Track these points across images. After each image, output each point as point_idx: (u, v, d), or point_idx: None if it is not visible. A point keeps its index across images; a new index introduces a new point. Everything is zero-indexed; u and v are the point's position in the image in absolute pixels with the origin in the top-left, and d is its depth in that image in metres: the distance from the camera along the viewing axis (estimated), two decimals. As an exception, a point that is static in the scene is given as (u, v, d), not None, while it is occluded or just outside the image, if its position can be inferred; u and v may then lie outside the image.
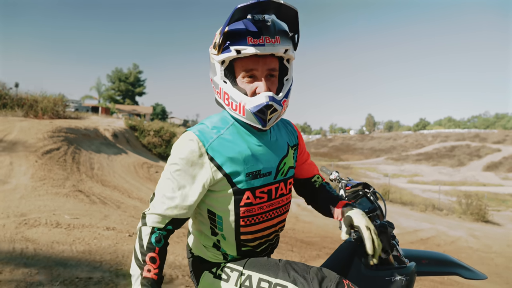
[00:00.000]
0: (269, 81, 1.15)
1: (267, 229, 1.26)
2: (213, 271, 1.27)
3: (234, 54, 1.09)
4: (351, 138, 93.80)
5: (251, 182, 1.17)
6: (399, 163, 55.90)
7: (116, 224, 5.07)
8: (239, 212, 1.18)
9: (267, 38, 1.09)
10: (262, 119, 1.13)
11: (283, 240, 6.55)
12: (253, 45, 1.08)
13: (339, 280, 1.10)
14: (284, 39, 1.13)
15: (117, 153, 12.96)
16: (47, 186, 7.13)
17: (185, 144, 1.14)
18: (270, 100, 1.11)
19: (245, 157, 1.16)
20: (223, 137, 1.17)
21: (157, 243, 1.09)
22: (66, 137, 11.34)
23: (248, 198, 1.17)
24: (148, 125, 18.51)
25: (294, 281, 1.12)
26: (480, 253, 8.48)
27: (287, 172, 1.29)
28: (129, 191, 8.76)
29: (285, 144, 1.32)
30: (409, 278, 1.42)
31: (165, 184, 1.14)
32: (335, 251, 1.53)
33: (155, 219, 1.11)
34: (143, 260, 1.06)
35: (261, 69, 1.13)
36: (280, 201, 1.26)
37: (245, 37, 1.08)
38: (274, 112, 1.14)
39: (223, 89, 1.16)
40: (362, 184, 1.66)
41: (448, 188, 25.26)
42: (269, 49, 1.09)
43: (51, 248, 3.82)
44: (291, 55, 1.17)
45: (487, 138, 68.67)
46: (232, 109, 1.16)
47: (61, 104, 16.80)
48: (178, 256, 4.09)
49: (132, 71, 62.98)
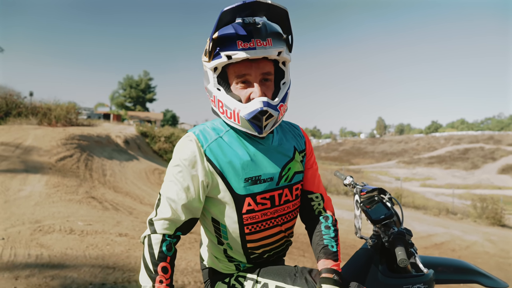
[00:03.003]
0: (264, 86, 1.12)
1: (275, 236, 1.22)
2: (226, 281, 1.25)
3: (225, 60, 1.06)
4: (362, 141, 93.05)
5: (250, 188, 1.13)
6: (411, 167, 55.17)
7: (129, 230, 5.10)
8: (242, 220, 1.15)
9: (258, 41, 1.05)
10: (258, 126, 1.09)
11: (295, 245, 6.50)
12: (244, 49, 1.04)
13: (356, 287, 1.08)
14: (276, 41, 1.09)
15: (128, 160, 13.09)
16: (61, 193, 7.23)
17: (185, 144, 1.13)
18: (265, 106, 1.07)
19: (244, 162, 1.13)
20: (222, 139, 1.15)
21: (168, 252, 1.06)
22: (79, 144, 11.50)
23: (250, 204, 1.14)
24: (159, 131, 18.68)
25: None
26: (497, 258, 8.27)
27: (292, 178, 1.22)
28: (140, 197, 8.82)
29: (291, 148, 1.26)
30: (428, 287, 1.39)
31: (169, 187, 1.12)
32: (351, 258, 1.51)
33: (164, 225, 1.08)
34: (154, 271, 1.03)
35: (254, 73, 1.10)
36: (285, 207, 1.21)
37: (235, 42, 1.05)
38: (270, 118, 1.10)
39: (217, 97, 1.13)
40: (377, 190, 1.63)
41: (462, 192, 24.81)
42: (260, 52, 1.05)
43: (65, 255, 3.86)
44: (286, 57, 1.13)
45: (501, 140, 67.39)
46: (227, 117, 1.13)
47: (73, 112, 17.08)
48: (190, 262, 4.09)
49: (143, 78, 63.80)
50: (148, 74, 64.85)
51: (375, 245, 1.49)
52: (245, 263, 1.24)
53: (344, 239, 7.90)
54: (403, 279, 1.37)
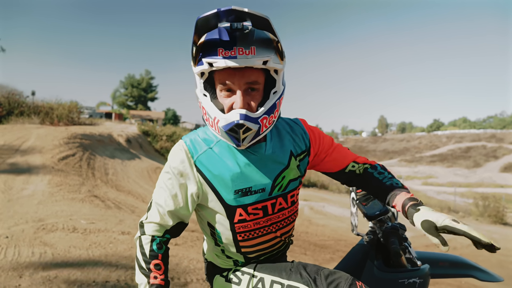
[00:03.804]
0: (249, 96, 1.06)
1: (270, 241, 1.24)
2: (224, 275, 1.28)
3: (207, 67, 1.02)
4: (364, 140, 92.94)
5: (240, 200, 1.12)
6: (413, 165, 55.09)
7: (131, 229, 5.15)
8: (235, 228, 1.17)
9: (240, 50, 0.99)
10: (236, 138, 1.05)
11: (296, 243, 6.53)
12: (224, 58, 0.99)
13: (352, 282, 1.09)
14: (262, 49, 1.01)
15: (130, 158, 13.14)
16: (64, 191, 7.28)
17: (176, 153, 1.14)
18: (241, 119, 1.01)
19: (233, 174, 1.11)
20: (213, 150, 1.14)
21: (159, 250, 1.10)
22: (81, 143, 11.56)
23: (241, 214, 1.14)
24: (161, 130, 18.73)
25: (306, 282, 1.11)
26: (498, 256, 8.27)
27: (286, 186, 1.20)
28: (143, 196, 8.87)
29: (286, 154, 1.20)
30: (423, 281, 1.42)
31: (159, 192, 1.15)
32: (348, 253, 1.54)
33: (153, 228, 1.12)
34: (148, 268, 1.06)
35: (238, 82, 1.03)
36: (280, 215, 1.21)
37: (216, 49, 0.99)
38: (248, 131, 1.04)
39: (202, 103, 1.10)
40: None
41: (463, 190, 24.80)
42: (242, 62, 0.99)
43: (69, 253, 3.90)
44: (274, 66, 1.04)
45: (504, 139, 67.15)
46: (209, 125, 1.11)
47: (75, 111, 17.15)
48: (192, 260, 4.13)
49: (144, 77, 63.86)
50: (149, 73, 64.92)
51: (371, 241, 1.52)
52: (242, 261, 1.27)
53: (346, 237, 7.93)
54: (399, 273, 1.40)
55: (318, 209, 11.32)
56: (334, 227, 8.96)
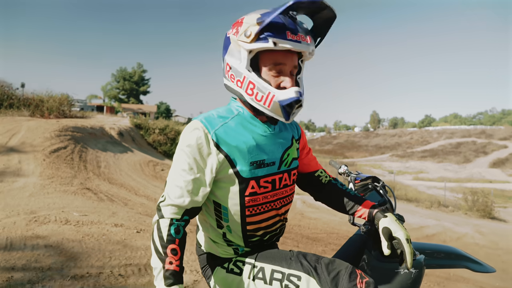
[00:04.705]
0: (292, 78, 1.18)
1: (273, 218, 1.28)
2: (225, 266, 1.28)
3: (271, 45, 1.09)
4: (356, 135, 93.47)
5: (255, 172, 1.18)
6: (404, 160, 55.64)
7: (124, 221, 5.13)
8: (244, 202, 1.20)
9: (302, 36, 1.11)
10: (288, 113, 1.15)
11: (289, 236, 6.58)
12: (291, 41, 1.09)
13: (352, 270, 1.11)
14: (312, 39, 1.16)
15: (123, 152, 13.04)
16: (55, 184, 7.21)
17: (191, 132, 1.16)
18: (300, 96, 1.14)
19: (249, 147, 1.18)
20: (228, 125, 1.19)
21: (177, 235, 1.09)
22: (72, 136, 11.43)
23: (253, 187, 1.19)
24: (153, 123, 18.59)
25: (307, 271, 1.13)
26: (486, 249, 8.44)
27: (290, 163, 1.30)
28: (135, 189, 8.83)
29: (290, 135, 1.34)
30: (418, 271, 1.44)
31: (176, 173, 1.15)
32: (345, 244, 1.55)
33: (172, 211, 1.12)
34: (164, 253, 1.06)
35: (289, 64, 1.15)
36: (284, 191, 1.28)
37: (285, 32, 1.09)
38: (299, 108, 1.17)
39: (248, 78, 1.15)
40: (371, 178, 1.67)
41: (453, 185, 25.10)
42: (304, 47, 1.11)
43: (61, 244, 3.88)
44: (311, 56, 1.20)
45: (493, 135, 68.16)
46: (256, 99, 1.16)
47: (66, 103, 16.91)
48: (186, 251, 4.14)
49: (137, 70, 63.25)
50: (141, 66, 64.32)
51: (368, 231, 1.53)
52: (243, 247, 1.28)
53: (337, 230, 8.00)
54: (395, 263, 1.42)
55: (311, 202, 11.39)
56: (326, 221, 9.03)
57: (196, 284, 3.30)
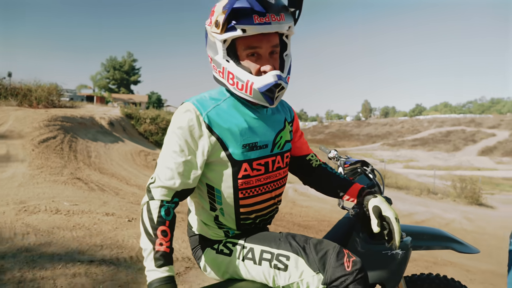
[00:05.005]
0: (272, 58, 1.16)
1: (266, 201, 1.28)
2: (215, 247, 1.29)
3: (240, 33, 1.07)
4: (348, 124, 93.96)
5: (247, 154, 1.18)
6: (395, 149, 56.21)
7: (115, 210, 5.11)
8: (237, 185, 1.19)
9: (272, 16, 1.07)
10: (270, 98, 1.14)
11: (281, 224, 6.64)
12: (260, 24, 1.06)
13: (339, 250, 1.13)
14: (287, 15, 1.12)
15: (113, 141, 12.94)
16: (45, 174, 7.14)
17: (183, 114, 1.15)
18: (278, 79, 1.11)
19: (242, 129, 1.17)
20: (220, 107, 1.18)
21: (167, 216, 1.08)
22: (62, 126, 11.28)
23: (246, 170, 1.18)
24: (144, 113, 18.44)
25: (295, 251, 1.14)
26: (474, 234, 8.65)
27: (283, 146, 1.30)
28: (127, 179, 8.79)
29: (282, 118, 1.33)
30: (405, 252, 1.47)
31: (167, 155, 1.14)
32: (334, 226, 1.57)
33: (162, 192, 1.11)
34: (154, 234, 1.05)
35: (265, 47, 1.12)
36: (277, 174, 1.28)
37: (251, 16, 1.06)
38: (281, 90, 1.15)
39: (227, 69, 1.15)
40: (360, 162, 1.69)
41: (443, 173, 25.51)
42: (275, 27, 1.08)
43: (52, 234, 3.86)
44: (292, 31, 1.17)
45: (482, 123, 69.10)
46: (238, 88, 1.15)
47: (55, 93, 16.67)
48: (178, 239, 4.15)
49: (127, 60, 62.39)
50: (132, 55, 63.48)
51: (357, 214, 1.55)
52: (234, 230, 1.29)
53: (329, 217, 8.10)
54: (382, 245, 1.45)
55: (303, 191, 11.48)
56: (318, 208, 9.13)
57: (188, 271, 3.32)
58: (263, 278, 1.18)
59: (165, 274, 1.02)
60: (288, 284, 1.14)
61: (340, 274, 1.08)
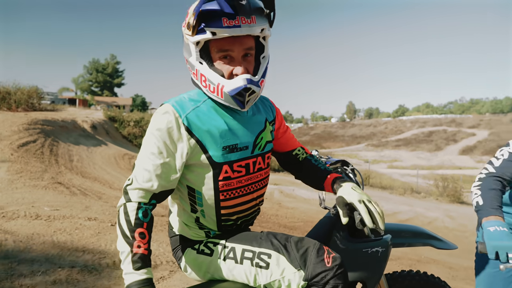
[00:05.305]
0: (246, 61, 1.14)
1: (247, 203, 1.27)
2: (196, 247, 1.28)
3: (210, 36, 1.07)
4: (333, 125, 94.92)
5: (227, 156, 1.17)
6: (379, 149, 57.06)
7: (98, 215, 5.02)
8: (218, 187, 1.18)
9: (242, 19, 1.06)
10: (241, 101, 1.13)
11: (266, 225, 6.64)
12: (229, 27, 1.05)
13: (319, 246, 1.14)
14: (259, 18, 1.11)
15: (96, 145, 12.71)
16: (25, 178, 6.95)
17: (161, 115, 1.13)
18: (248, 83, 1.10)
19: (221, 131, 1.16)
20: (200, 109, 1.17)
21: (145, 218, 1.07)
22: (42, 129, 11.02)
23: (226, 172, 1.18)
24: (128, 115, 18.20)
25: (277, 249, 1.15)
26: (455, 232, 8.84)
27: (264, 147, 1.29)
28: (110, 182, 8.64)
29: (263, 118, 1.32)
30: (385, 250, 1.48)
31: (145, 156, 1.12)
32: (315, 226, 1.58)
33: (139, 194, 1.09)
34: (132, 237, 1.04)
35: (238, 50, 1.11)
36: (258, 175, 1.27)
37: (220, 19, 1.04)
38: (252, 94, 1.13)
39: (200, 71, 1.14)
40: (341, 162, 1.70)
41: (425, 172, 25.99)
42: (245, 30, 1.07)
43: (31, 240, 3.76)
44: (267, 33, 1.15)
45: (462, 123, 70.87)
46: (210, 91, 1.15)
47: (36, 96, 16.22)
48: (162, 243, 4.11)
49: (110, 62, 61.48)
50: (115, 57, 62.57)
51: (337, 213, 1.56)
52: (215, 231, 1.28)
53: (315, 219, 8.14)
54: (363, 243, 1.46)
55: (288, 192, 11.51)
56: (304, 209, 9.17)
57: (172, 275, 3.28)
58: (245, 277, 1.18)
59: (143, 277, 1.00)
60: (270, 282, 1.14)
61: (320, 270, 1.09)
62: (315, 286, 1.10)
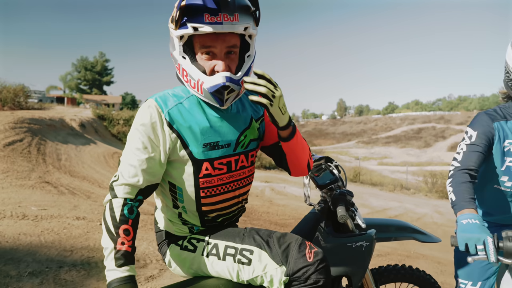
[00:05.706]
0: (228, 59, 1.13)
1: (229, 200, 1.27)
2: (179, 243, 1.28)
3: (191, 31, 1.06)
4: (323, 123, 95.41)
5: (208, 153, 1.17)
6: (370, 146, 57.56)
7: (87, 214, 4.97)
8: (199, 184, 1.18)
9: (225, 16, 1.05)
10: (220, 99, 1.12)
11: (257, 223, 6.66)
12: (210, 23, 1.04)
13: (301, 242, 1.14)
14: (244, 16, 1.09)
15: (85, 144, 12.58)
16: (11, 178, 6.84)
17: (145, 110, 1.13)
18: (227, 81, 1.09)
19: (202, 128, 1.16)
20: (183, 105, 1.17)
21: (130, 215, 1.07)
22: (29, 128, 10.86)
23: (207, 169, 1.17)
24: (117, 114, 18.03)
25: (259, 245, 1.15)
26: (444, 227, 8.96)
27: (248, 145, 1.28)
28: (99, 181, 8.56)
29: (248, 116, 1.29)
30: (369, 244, 1.50)
31: (130, 152, 1.13)
32: (300, 221, 1.59)
33: (125, 190, 1.09)
34: (116, 233, 1.03)
35: (220, 46, 1.10)
36: (241, 173, 1.26)
37: (202, 14, 1.04)
38: (231, 92, 1.13)
39: (182, 65, 1.14)
40: (324, 158, 1.72)
41: (415, 169, 26.32)
42: (227, 28, 1.05)
43: (18, 240, 3.71)
44: (252, 32, 1.14)
45: (451, 120, 71.84)
46: (191, 86, 1.15)
47: (22, 94, 15.99)
48: (152, 242, 4.08)
49: (99, 60, 60.78)
50: (104, 55, 61.90)
51: (322, 209, 1.58)
52: (198, 226, 1.28)
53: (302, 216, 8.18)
54: (347, 238, 1.48)
55: (279, 190, 11.55)
56: (295, 207, 9.21)
57: (162, 273, 3.27)
58: (227, 273, 1.18)
59: (125, 274, 1.00)
60: (252, 278, 1.15)
61: (302, 265, 1.09)
62: (296, 281, 1.11)
